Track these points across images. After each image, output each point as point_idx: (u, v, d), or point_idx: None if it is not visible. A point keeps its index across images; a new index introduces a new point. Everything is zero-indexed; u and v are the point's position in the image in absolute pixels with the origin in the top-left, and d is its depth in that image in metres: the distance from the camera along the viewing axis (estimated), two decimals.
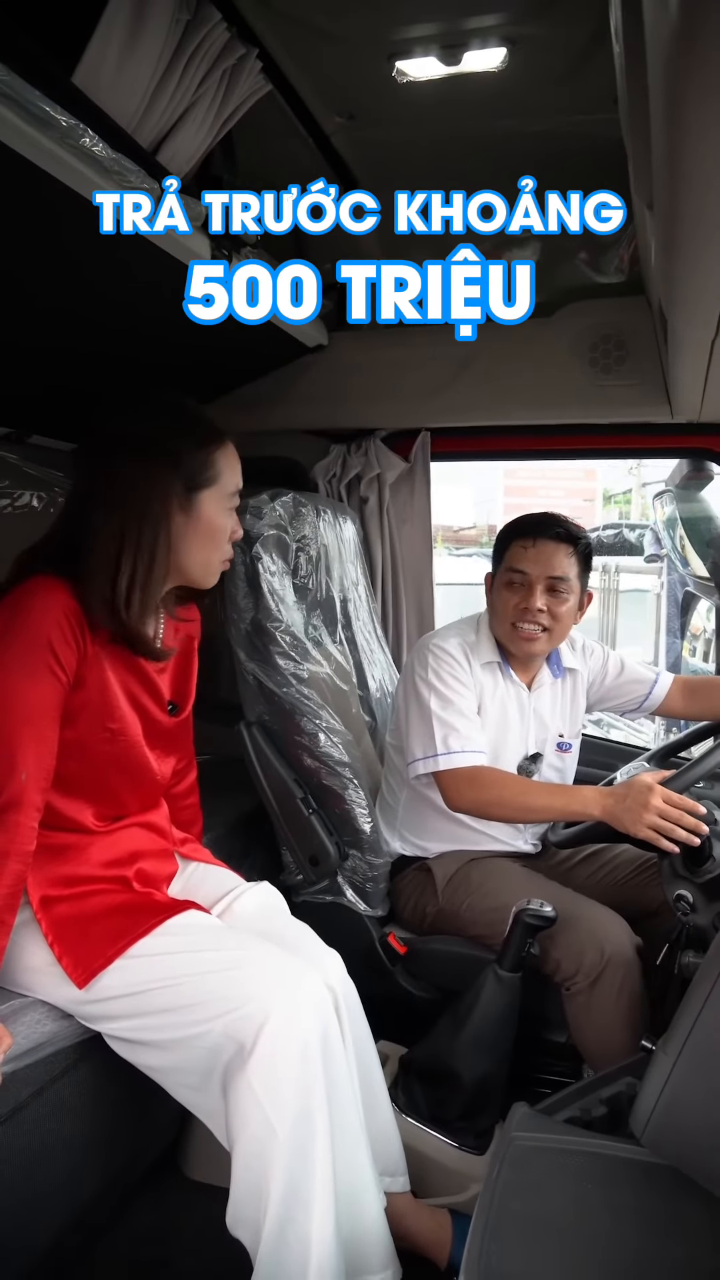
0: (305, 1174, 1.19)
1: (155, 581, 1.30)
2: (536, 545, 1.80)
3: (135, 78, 1.34)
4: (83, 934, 1.27)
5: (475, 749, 1.78)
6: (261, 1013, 1.20)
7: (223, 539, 1.37)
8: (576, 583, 1.82)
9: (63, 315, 1.67)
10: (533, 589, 1.79)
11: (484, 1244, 0.98)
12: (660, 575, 6.10)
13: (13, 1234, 1.17)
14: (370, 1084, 1.45)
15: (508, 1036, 1.60)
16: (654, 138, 0.93)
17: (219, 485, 1.34)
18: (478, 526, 17.93)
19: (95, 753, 1.33)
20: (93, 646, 1.27)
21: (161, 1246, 1.52)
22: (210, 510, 1.33)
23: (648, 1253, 0.99)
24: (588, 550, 1.85)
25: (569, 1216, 1.03)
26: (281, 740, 1.83)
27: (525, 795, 1.73)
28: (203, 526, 1.33)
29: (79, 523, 1.29)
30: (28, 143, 1.15)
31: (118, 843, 1.39)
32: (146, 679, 1.38)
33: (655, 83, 0.78)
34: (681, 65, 0.71)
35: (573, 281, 2.19)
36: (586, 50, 1.53)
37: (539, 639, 1.82)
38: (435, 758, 1.76)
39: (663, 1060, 1.14)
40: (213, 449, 1.33)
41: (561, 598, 1.81)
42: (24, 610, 1.23)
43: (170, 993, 1.23)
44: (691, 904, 1.51)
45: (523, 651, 1.85)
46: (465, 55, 1.55)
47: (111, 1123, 1.35)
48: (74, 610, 1.24)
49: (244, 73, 1.51)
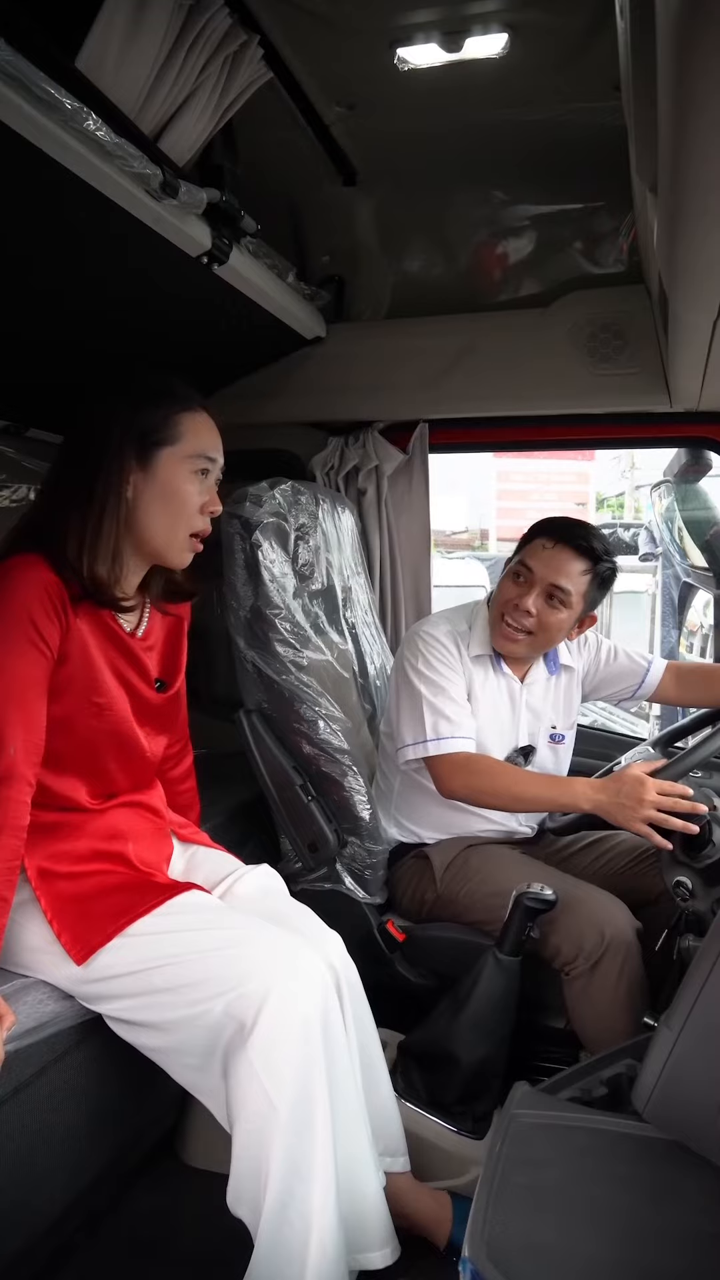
0: (306, 1151, 1.20)
1: (105, 533, 1.30)
2: (555, 549, 1.78)
3: (137, 64, 1.35)
4: (83, 912, 1.28)
5: (465, 735, 1.79)
6: (262, 991, 1.21)
7: (185, 507, 1.35)
8: (579, 600, 1.79)
9: (61, 303, 1.67)
10: (531, 589, 1.78)
11: (487, 1215, 0.98)
12: (655, 574, 6.12)
13: (15, 1212, 1.17)
14: (371, 1063, 1.45)
15: (506, 1021, 1.60)
16: (660, 115, 0.93)
17: (179, 445, 1.33)
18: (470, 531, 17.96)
19: (83, 728, 1.33)
20: (75, 620, 1.28)
21: (160, 1229, 1.52)
22: (169, 470, 1.33)
23: (650, 1222, 0.99)
24: (608, 575, 1.82)
25: (571, 1189, 1.03)
26: (280, 728, 1.83)
27: (517, 784, 1.74)
28: (160, 486, 1.33)
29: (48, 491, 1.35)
30: (30, 125, 1.15)
31: (112, 821, 1.40)
32: (131, 654, 1.39)
33: (664, 58, 0.78)
34: (690, 39, 0.72)
35: (570, 272, 2.20)
36: (587, 34, 1.54)
37: (519, 640, 1.81)
38: (425, 743, 1.77)
39: (665, 1035, 1.14)
40: (175, 409, 1.34)
41: (556, 608, 1.78)
42: (4, 588, 1.24)
43: (170, 971, 1.24)
44: (691, 890, 1.51)
45: (501, 648, 1.85)
46: (467, 42, 1.56)
47: (112, 1105, 1.35)
48: (53, 584, 1.26)
49: (245, 60, 1.52)
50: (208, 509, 1.38)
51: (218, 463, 1.39)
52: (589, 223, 2.16)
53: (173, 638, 1.51)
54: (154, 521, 1.34)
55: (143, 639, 1.43)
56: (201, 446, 1.36)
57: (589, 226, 2.15)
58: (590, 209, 2.13)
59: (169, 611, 1.49)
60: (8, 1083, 1.13)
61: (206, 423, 1.38)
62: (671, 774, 1.59)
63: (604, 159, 1.81)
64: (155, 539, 1.35)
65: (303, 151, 1.95)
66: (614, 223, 2.13)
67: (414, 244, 2.30)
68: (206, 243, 1.61)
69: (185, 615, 1.54)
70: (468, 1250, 0.95)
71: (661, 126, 0.96)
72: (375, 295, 2.35)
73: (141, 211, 1.43)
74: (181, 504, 1.34)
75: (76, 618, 1.29)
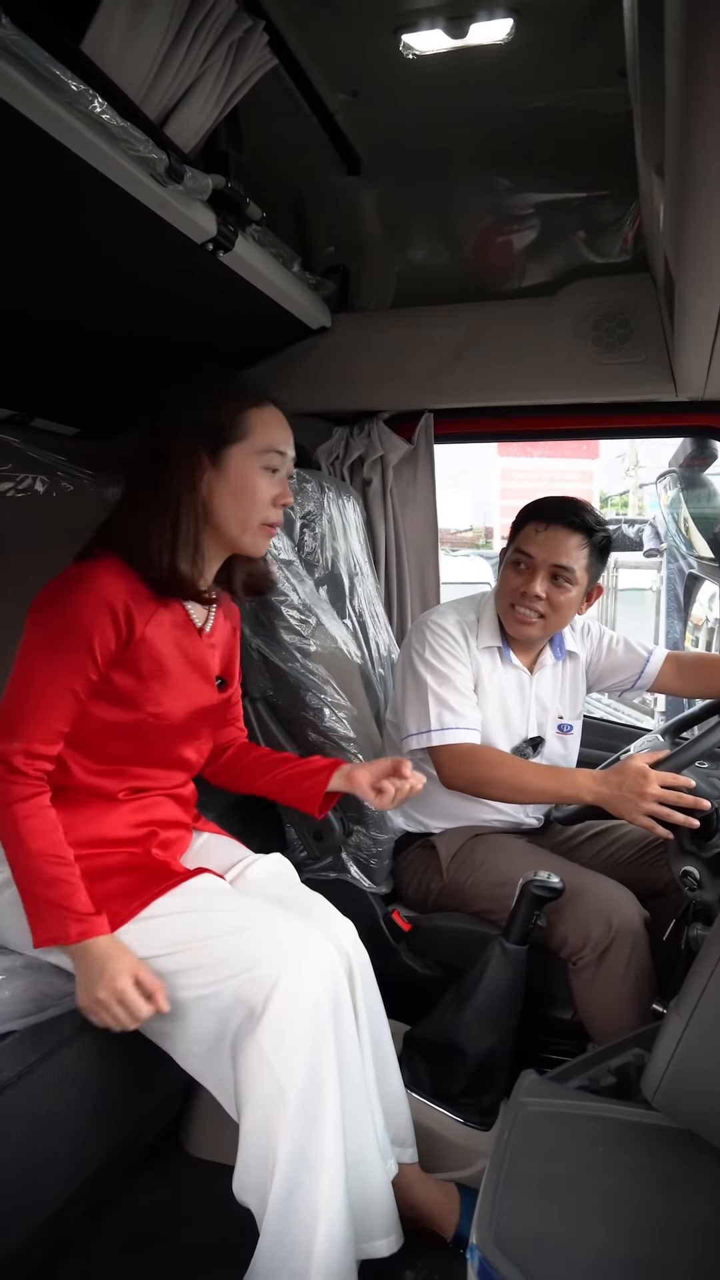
0: (315, 1139, 1.19)
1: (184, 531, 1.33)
2: (548, 530, 1.78)
3: (143, 49, 1.34)
4: (94, 895, 1.27)
5: (469, 726, 1.79)
6: (272, 975, 1.20)
7: (258, 498, 1.37)
8: (583, 574, 1.80)
9: (67, 289, 1.66)
10: (535, 574, 1.78)
11: (495, 1204, 0.97)
12: (659, 570, 6.10)
13: (19, 1198, 1.16)
14: (381, 1051, 1.44)
15: (513, 1011, 1.60)
16: (668, 94, 0.93)
17: (248, 441, 1.35)
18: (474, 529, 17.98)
19: (148, 729, 1.36)
20: (146, 626, 1.31)
21: (164, 1220, 1.52)
22: (239, 465, 1.35)
23: (660, 1211, 0.98)
24: (604, 543, 1.82)
25: (580, 1178, 1.03)
26: (286, 715, 1.83)
27: (519, 776, 1.73)
28: (233, 482, 1.35)
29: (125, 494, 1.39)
30: (34, 105, 1.14)
31: (143, 809, 1.41)
32: (200, 654, 1.42)
33: (672, 38, 0.78)
34: (699, 17, 0.72)
35: (575, 261, 2.20)
36: (592, 18, 1.54)
37: (533, 624, 1.81)
38: (429, 733, 1.77)
39: (675, 1022, 1.13)
40: (241, 406, 1.36)
41: (563, 587, 1.79)
42: (74, 591, 1.27)
43: (181, 956, 1.24)
44: (698, 879, 1.50)
45: (516, 634, 1.85)
46: (472, 27, 1.55)
47: (116, 1093, 1.34)
48: (123, 589, 1.28)
49: (250, 46, 1.51)
50: (280, 501, 1.41)
51: (288, 456, 1.42)
52: (593, 211, 2.15)
53: (231, 637, 1.54)
54: (228, 516, 1.36)
55: (209, 635, 1.45)
56: (272, 441, 1.38)
57: (593, 214, 2.15)
58: (594, 197, 2.13)
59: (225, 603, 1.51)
60: (13, 1067, 1.13)
61: (276, 416, 1.40)
62: (674, 765, 1.58)
63: (608, 146, 1.81)
64: (230, 531, 1.38)
65: (307, 140, 1.94)
66: (618, 211, 2.12)
67: (419, 233, 2.29)
68: (212, 229, 1.60)
69: (237, 615, 1.58)
70: (476, 1239, 0.94)
71: (669, 106, 0.95)
72: (380, 285, 2.35)
73: (147, 196, 1.42)
74: (253, 498, 1.37)
75: (150, 624, 1.32)
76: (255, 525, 1.39)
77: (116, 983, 1.17)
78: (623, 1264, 0.91)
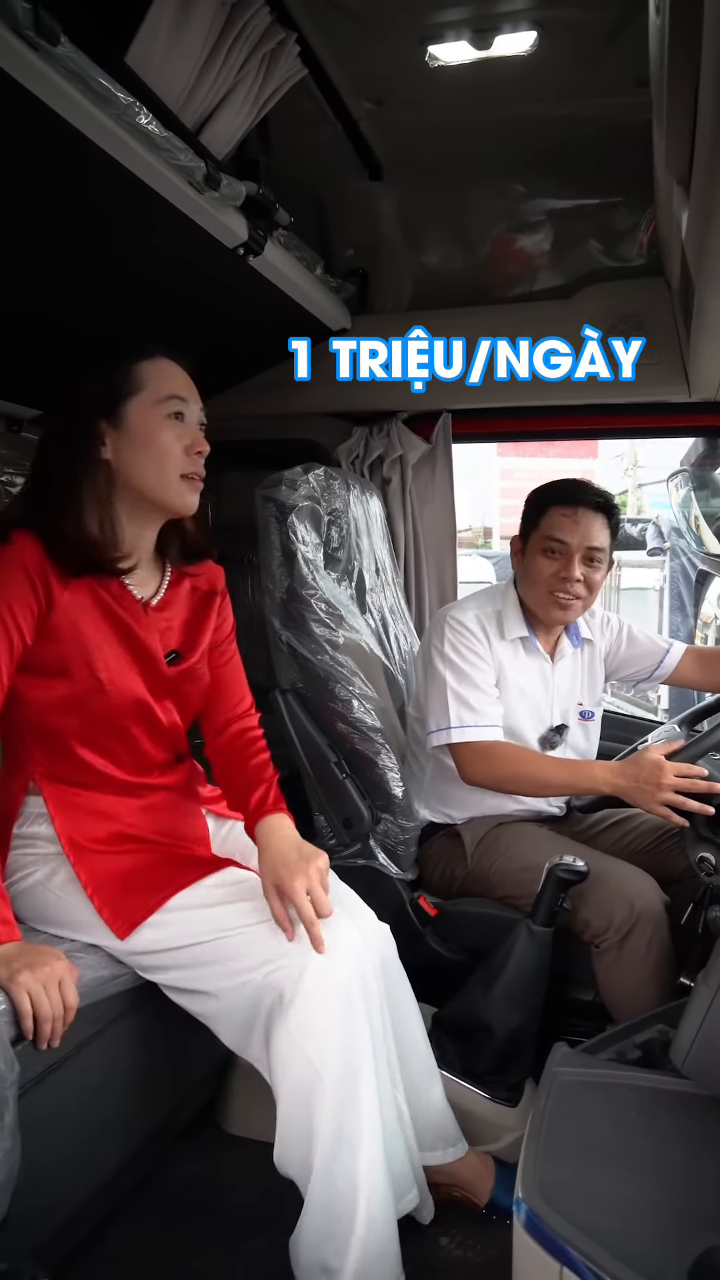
0: (352, 1117, 1.23)
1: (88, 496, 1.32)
2: (577, 514, 1.83)
3: (182, 60, 1.39)
4: (124, 888, 1.31)
5: (490, 723, 1.82)
6: (299, 962, 1.24)
7: (168, 448, 1.34)
8: (609, 553, 1.87)
9: (97, 293, 1.70)
10: (571, 558, 1.82)
11: (536, 1163, 1.02)
12: (662, 569, 6.15)
13: (81, 1164, 1.21)
14: (412, 1035, 1.48)
15: (539, 990, 1.64)
16: (702, 109, 0.97)
17: (145, 392, 1.33)
18: (473, 529, 18.03)
19: (95, 705, 1.34)
20: (62, 596, 1.29)
21: (204, 1191, 1.57)
22: (140, 418, 1.33)
23: (692, 1170, 1.03)
24: (618, 521, 1.90)
25: (614, 1139, 1.08)
26: (315, 707, 1.87)
27: (539, 771, 1.78)
28: (138, 436, 1.33)
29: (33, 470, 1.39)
30: (85, 118, 1.19)
31: (141, 804, 1.43)
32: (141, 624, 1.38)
33: (710, 45, 0.82)
34: None
35: (589, 265, 2.24)
36: (614, 30, 1.58)
37: (574, 606, 1.86)
38: (449, 730, 1.81)
39: (703, 993, 1.19)
40: (132, 359, 1.35)
41: (597, 567, 1.85)
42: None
43: (210, 946, 1.27)
44: (715, 865, 1.53)
45: (556, 619, 1.89)
46: (496, 39, 1.60)
47: (161, 1067, 1.39)
48: (35, 560, 1.27)
49: (282, 57, 1.56)
50: (193, 450, 1.36)
51: (190, 403, 1.38)
52: (608, 216, 2.19)
53: (199, 607, 1.49)
54: (141, 472, 1.33)
55: (159, 608, 1.42)
56: (169, 387, 1.35)
57: (608, 220, 2.19)
58: (609, 203, 2.17)
59: (189, 573, 1.48)
60: (73, 1039, 1.17)
61: (170, 366, 1.37)
62: (689, 755, 1.62)
63: (624, 154, 1.86)
64: (149, 488, 1.35)
65: (330, 146, 1.99)
66: (633, 216, 2.16)
67: (437, 237, 2.34)
68: (243, 234, 1.65)
69: (218, 583, 1.54)
70: (521, 1192, 0.99)
71: (703, 118, 1.00)
72: (398, 287, 2.39)
73: (184, 203, 1.47)
74: (163, 450, 1.33)
75: (67, 591, 1.29)
76: (173, 478, 1.34)
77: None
78: (657, 1211, 0.96)
